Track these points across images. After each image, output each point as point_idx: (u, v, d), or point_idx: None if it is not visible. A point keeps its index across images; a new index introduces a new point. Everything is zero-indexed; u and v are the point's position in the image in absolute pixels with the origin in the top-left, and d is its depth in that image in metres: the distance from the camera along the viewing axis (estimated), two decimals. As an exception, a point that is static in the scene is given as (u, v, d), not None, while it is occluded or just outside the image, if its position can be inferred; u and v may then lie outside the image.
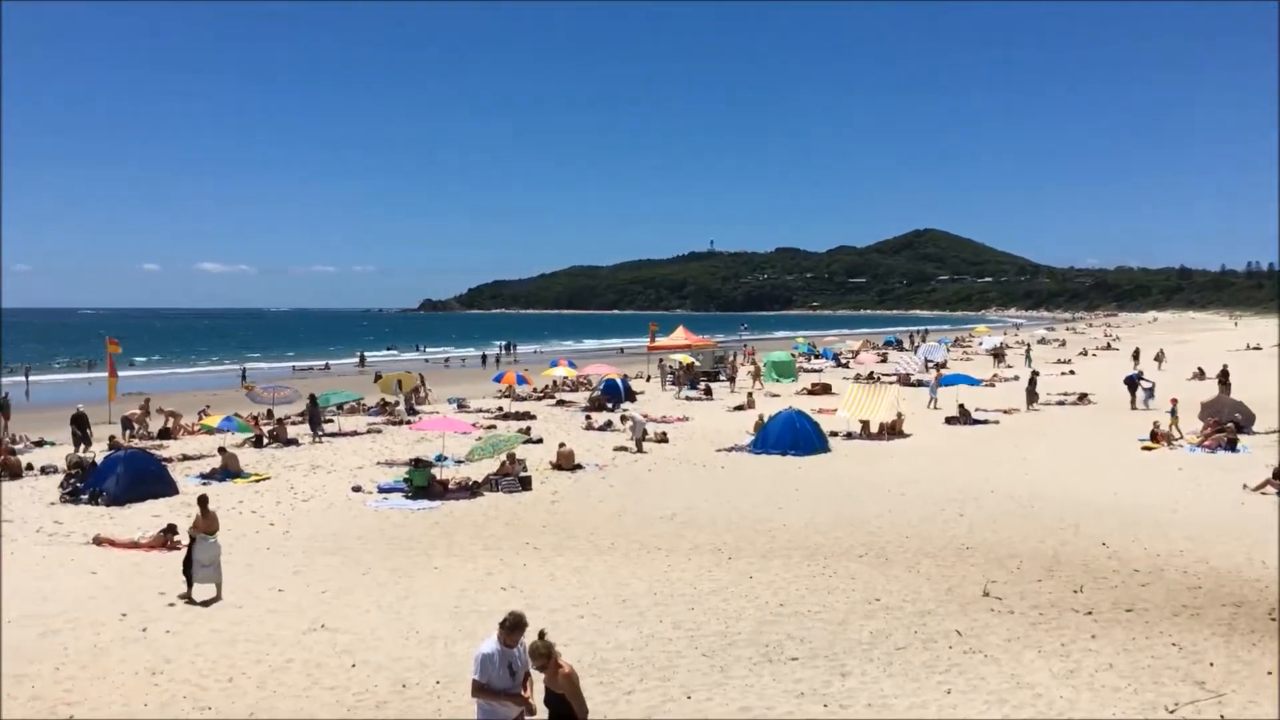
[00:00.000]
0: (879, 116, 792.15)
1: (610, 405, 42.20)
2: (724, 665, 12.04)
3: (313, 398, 35.14)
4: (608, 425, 36.00)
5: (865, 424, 32.74)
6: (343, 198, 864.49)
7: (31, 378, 65.91)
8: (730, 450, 30.09)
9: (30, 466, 27.68)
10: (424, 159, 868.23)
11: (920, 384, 49.80)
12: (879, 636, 12.99)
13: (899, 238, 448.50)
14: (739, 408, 41.44)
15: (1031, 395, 40.44)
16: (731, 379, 52.94)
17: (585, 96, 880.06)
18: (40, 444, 33.44)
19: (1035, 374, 44.32)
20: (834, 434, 31.76)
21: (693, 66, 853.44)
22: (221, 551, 15.62)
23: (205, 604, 14.93)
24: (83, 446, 30.42)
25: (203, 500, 16.26)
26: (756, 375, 53.00)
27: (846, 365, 69.10)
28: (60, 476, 25.36)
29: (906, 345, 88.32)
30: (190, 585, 15.21)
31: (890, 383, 46.44)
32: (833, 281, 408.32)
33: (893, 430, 32.50)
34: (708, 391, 48.16)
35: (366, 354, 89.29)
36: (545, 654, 7.97)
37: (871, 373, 57.31)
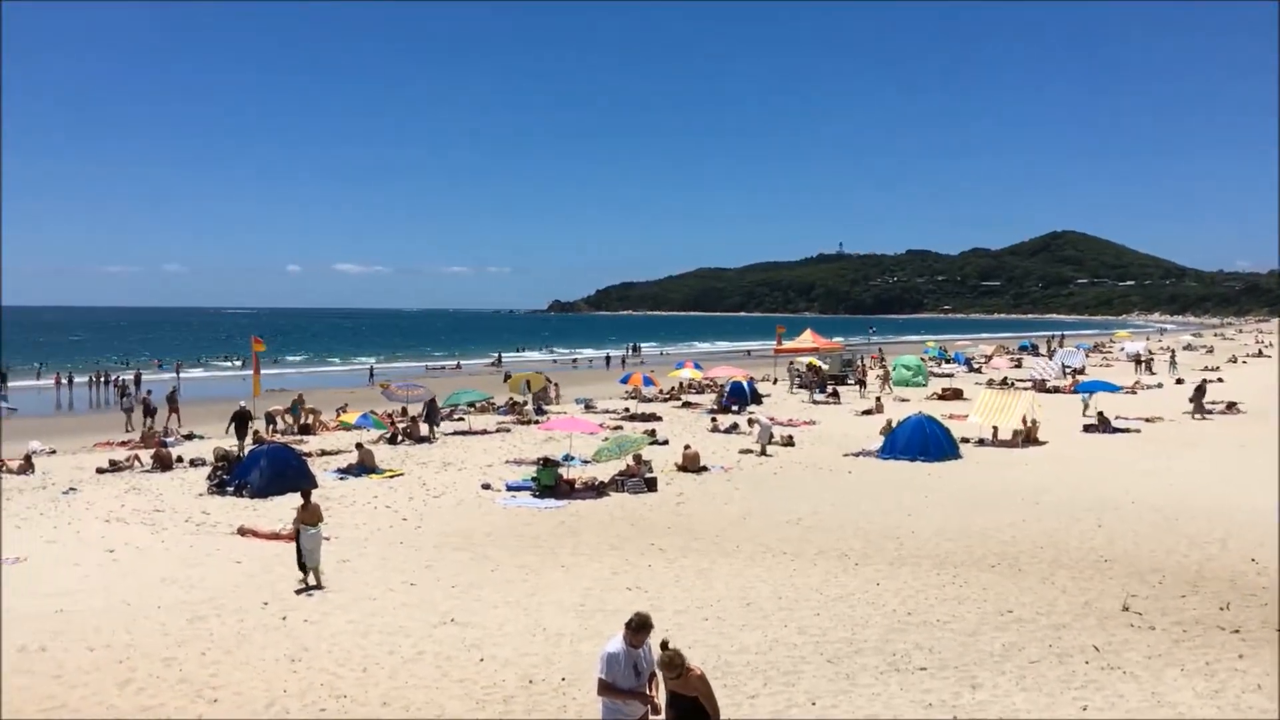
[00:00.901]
0: (1015, 115, 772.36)
1: (736, 408, 42.08)
2: (850, 673, 11.88)
3: (432, 398, 36.05)
4: (733, 428, 35.92)
5: (996, 430, 31.92)
6: (479, 199, 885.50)
7: (182, 374, 69.10)
8: (858, 455, 29.71)
9: (180, 459, 29.04)
10: (557, 161, 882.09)
11: (1056, 390, 48.45)
12: (1011, 649, 12.65)
13: (1035, 240, 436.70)
14: (867, 412, 40.88)
15: (1199, 404, 39.00)
16: (861, 383, 52.23)
17: (715, 97, 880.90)
18: (190, 437, 35.08)
19: (1204, 381, 43.02)
20: (965, 440, 31.03)
21: (822, 67, 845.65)
22: (323, 541, 16.39)
23: (307, 591, 15.53)
24: (239, 443, 31.56)
25: (305, 493, 17.37)
26: (885, 379, 52.22)
27: (979, 370, 67.39)
28: (208, 469, 26.53)
29: (1042, 350, 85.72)
30: (315, 575, 15.91)
31: (1025, 388, 45.17)
32: (965, 285, 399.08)
33: (1027, 437, 31.60)
34: (835, 395, 47.61)
35: (502, 354, 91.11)
36: (680, 665, 7.95)
37: (1005, 378, 55.80)
